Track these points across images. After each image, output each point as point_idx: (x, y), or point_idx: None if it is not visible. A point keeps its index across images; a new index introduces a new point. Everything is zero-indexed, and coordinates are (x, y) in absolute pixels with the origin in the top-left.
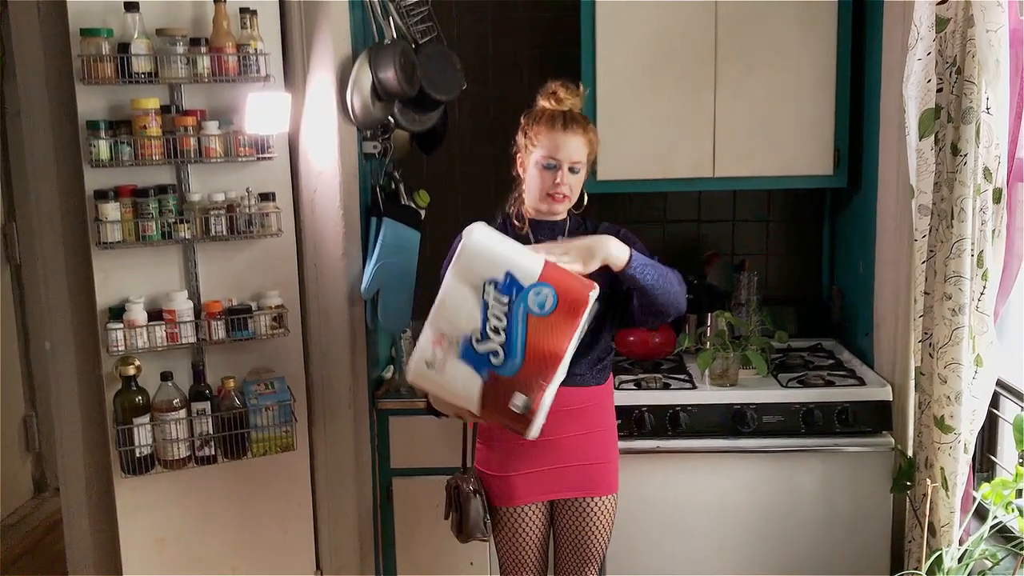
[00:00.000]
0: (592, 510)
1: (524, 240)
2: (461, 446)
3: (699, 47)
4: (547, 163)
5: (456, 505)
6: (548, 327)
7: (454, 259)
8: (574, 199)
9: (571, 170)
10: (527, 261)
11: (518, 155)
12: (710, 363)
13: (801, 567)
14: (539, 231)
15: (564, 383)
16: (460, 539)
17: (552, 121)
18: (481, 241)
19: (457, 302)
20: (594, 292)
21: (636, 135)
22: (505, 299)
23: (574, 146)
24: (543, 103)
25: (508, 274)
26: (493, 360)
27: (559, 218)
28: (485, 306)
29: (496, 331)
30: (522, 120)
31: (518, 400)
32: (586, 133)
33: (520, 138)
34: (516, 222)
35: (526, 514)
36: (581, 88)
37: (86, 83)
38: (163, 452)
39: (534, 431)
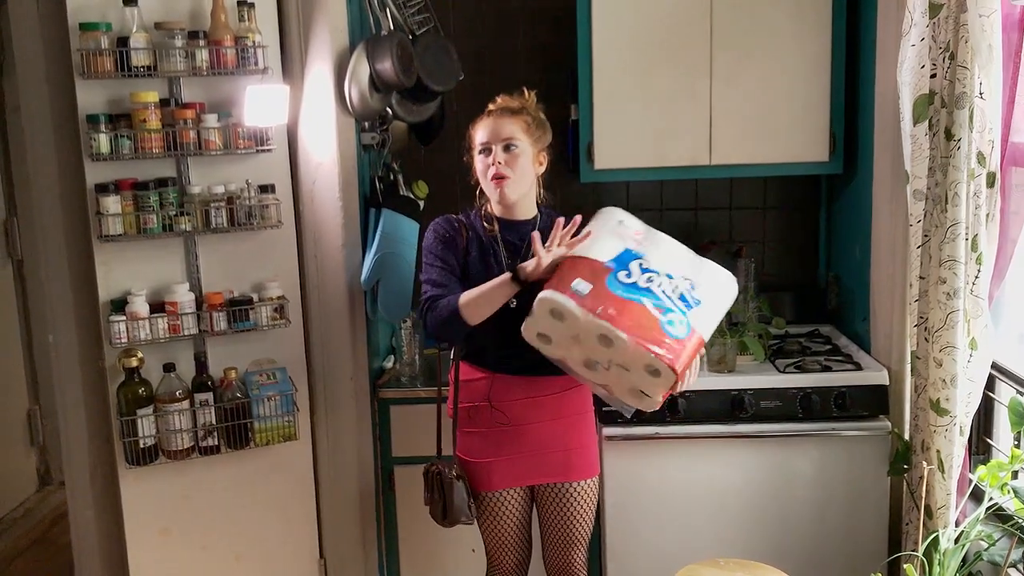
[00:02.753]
0: (573, 494)
1: (492, 241)
2: (436, 434)
3: (694, 36)
4: (482, 148)
5: (440, 491)
6: (640, 319)
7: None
8: (519, 180)
9: (506, 148)
10: (700, 330)
11: (472, 164)
12: (708, 349)
13: (799, 551)
14: (508, 231)
15: (538, 372)
16: (444, 524)
17: (480, 117)
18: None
19: (681, 259)
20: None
21: (632, 124)
22: (678, 304)
23: (503, 125)
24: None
25: (689, 298)
26: (622, 275)
27: (527, 217)
28: (670, 277)
29: (651, 279)
30: (468, 133)
31: (581, 286)
32: (518, 116)
33: (468, 149)
34: (485, 224)
35: (506, 498)
36: (527, 93)
37: (85, 77)
38: (166, 443)
39: (548, 295)
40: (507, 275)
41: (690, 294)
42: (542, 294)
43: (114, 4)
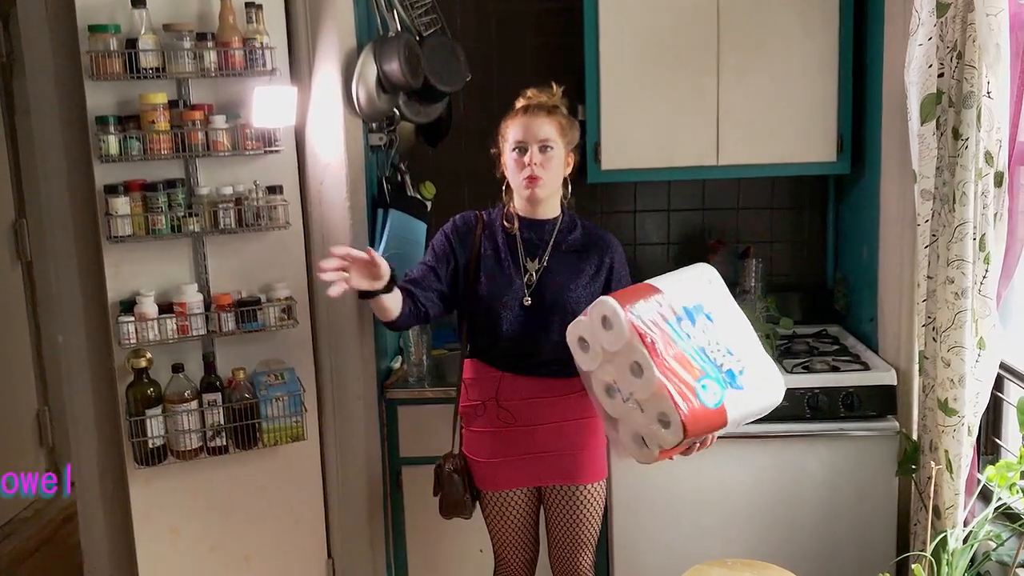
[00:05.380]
0: (580, 497)
1: (512, 240)
2: (452, 429)
3: (701, 36)
4: (517, 146)
5: (440, 484)
6: (679, 367)
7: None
8: (551, 181)
9: (542, 150)
10: (729, 410)
11: (500, 158)
12: None
13: (808, 551)
14: (529, 230)
15: (547, 373)
16: (443, 516)
17: (516, 112)
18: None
19: (746, 343)
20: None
21: (640, 124)
22: (722, 376)
23: (540, 125)
24: (516, 104)
25: (728, 374)
26: (685, 324)
27: (549, 217)
28: (729, 352)
29: (709, 342)
30: (500, 125)
31: (644, 310)
32: (553, 116)
33: (498, 140)
34: (506, 223)
35: (512, 498)
36: (555, 88)
37: (95, 79)
38: (175, 443)
39: (608, 302)
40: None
41: (737, 375)
42: (602, 298)
43: (123, 6)
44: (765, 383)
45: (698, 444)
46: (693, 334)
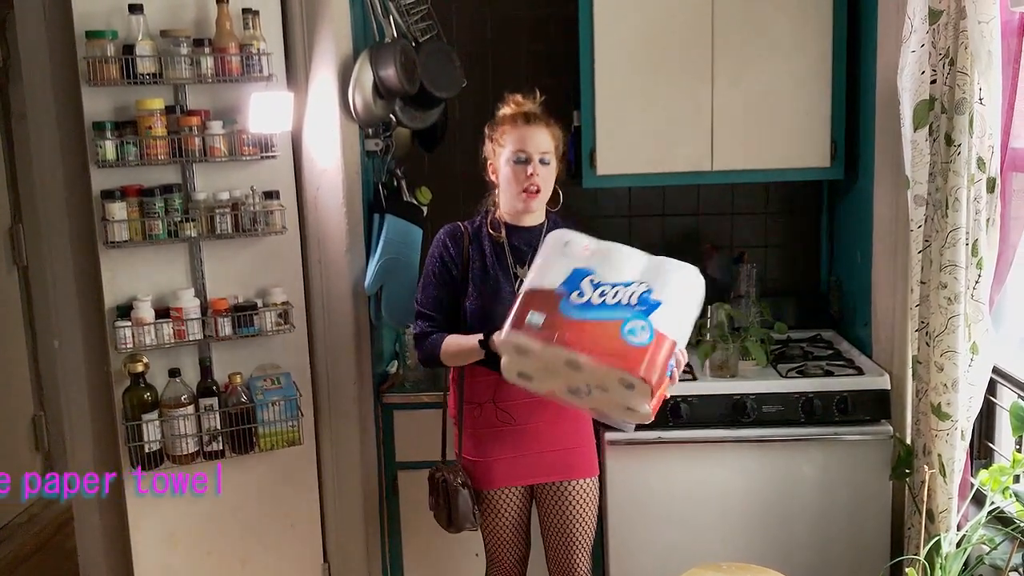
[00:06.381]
0: (573, 493)
1: (498, 247)
2: (441, 437)
3: (696, 41)
4: (517, 157)
5: (444, 498)
6: (599, 336)
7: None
8: (547, 193)
9: (541, 162)
10: (667, 331)
11: (488, 162)
12: (710, 354)
13: (802, 554)
14: (515, 237)
15: None
16: (450, 530)
17: (515, 119)
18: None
19: (636, 265)
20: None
21: (635, 130)
22: (637, 310)
23: (540, 138)
24: (504, 109)
25: (645, 298)
26: (575, 297)
27: (535, 223)
28: (626, 285)
29: (603, 293)
30: (486, 129)
31: (535, 318)
32: (549, 127)
33: (488, 144)
34: (492, 231)
35: (506, 497)
36: (537, 94)
37: (92, 85)
38: (171, 447)
39: (505, 336)
40: (476, 340)
41: (649, 297)
42: (499, 337)
43: (120, 12)
44: (678, 284)
45: (674, 365)
46: (585, 298)
